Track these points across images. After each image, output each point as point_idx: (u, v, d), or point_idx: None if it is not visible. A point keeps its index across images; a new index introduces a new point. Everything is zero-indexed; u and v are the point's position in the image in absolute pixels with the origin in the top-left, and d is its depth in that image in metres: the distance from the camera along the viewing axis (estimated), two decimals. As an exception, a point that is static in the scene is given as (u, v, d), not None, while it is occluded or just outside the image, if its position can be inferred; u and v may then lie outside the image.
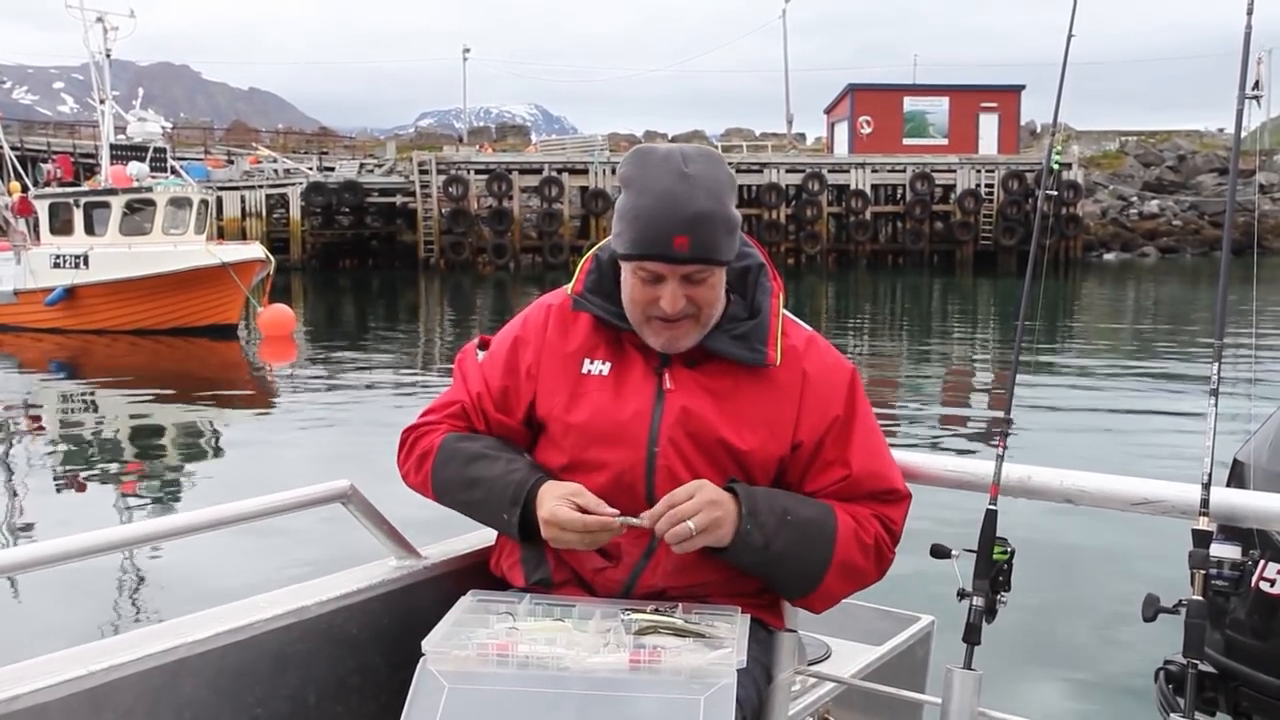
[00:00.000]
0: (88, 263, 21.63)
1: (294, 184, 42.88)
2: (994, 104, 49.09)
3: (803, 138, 62.03)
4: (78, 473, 10.33)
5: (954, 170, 44.90)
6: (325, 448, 11.21)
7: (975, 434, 11.60)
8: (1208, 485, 1.76)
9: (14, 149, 28.56)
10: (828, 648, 2.49)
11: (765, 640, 1.95)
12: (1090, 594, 6.19)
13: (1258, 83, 1.97)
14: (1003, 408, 2.03)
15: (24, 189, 24.08)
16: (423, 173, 42.82)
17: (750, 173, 43.35)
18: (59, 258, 22.00)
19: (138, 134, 25.08)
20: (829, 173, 44.42)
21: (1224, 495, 1.80)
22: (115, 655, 1.62)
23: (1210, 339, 1.80)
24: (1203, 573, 1.73)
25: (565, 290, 1.96)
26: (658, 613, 1.75)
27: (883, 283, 38.00)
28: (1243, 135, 2.06)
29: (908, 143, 47.92)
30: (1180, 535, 1.80)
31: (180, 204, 22.64)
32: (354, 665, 1.94)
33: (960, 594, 1.82)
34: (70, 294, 21.58)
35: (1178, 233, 52.05)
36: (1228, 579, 1.74)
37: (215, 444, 12.00)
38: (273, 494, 1.90)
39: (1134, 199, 54.86)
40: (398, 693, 1.62)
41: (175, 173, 25.28)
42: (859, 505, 1.88)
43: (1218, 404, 1.80)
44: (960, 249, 44.40)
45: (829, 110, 55.35)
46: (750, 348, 1.88)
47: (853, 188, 44.46)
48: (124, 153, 24.37)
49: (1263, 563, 2.35)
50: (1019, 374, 2.16)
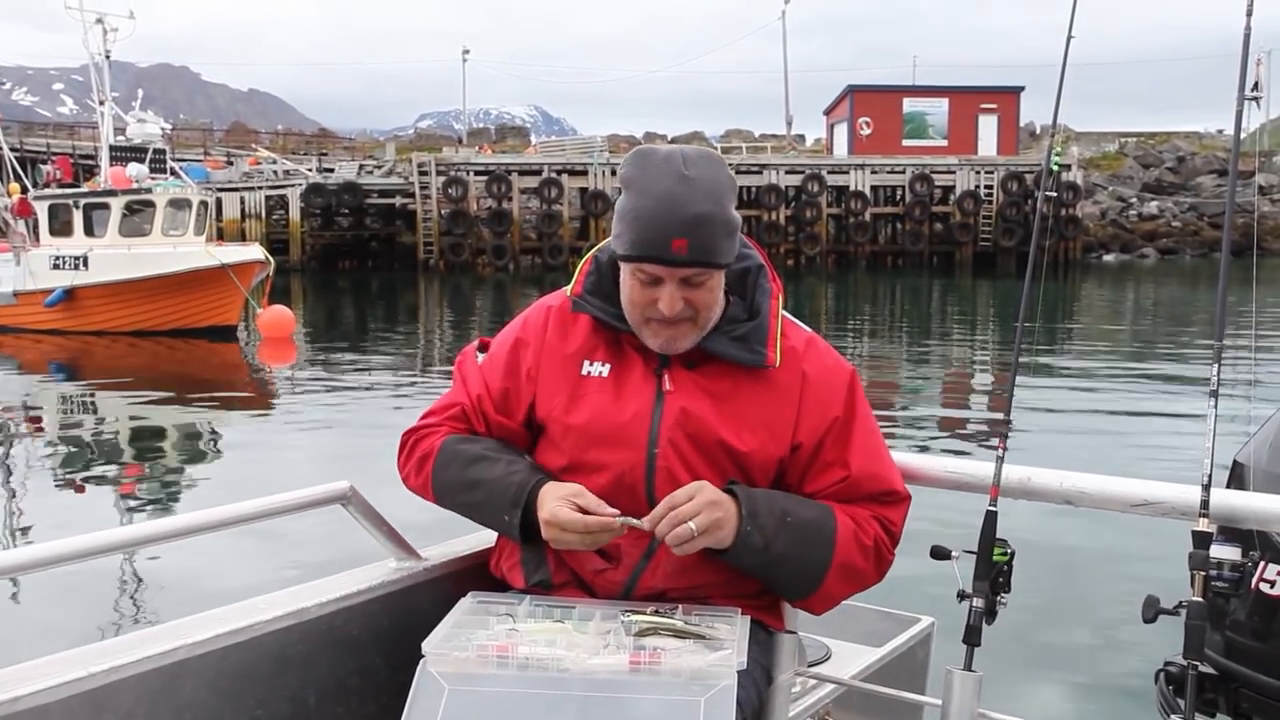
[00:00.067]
0: (87, 264, 21.64)
1: (293, 185, 42.87)
2: (993, 105, 49.12)
3: (802, 139, 62.04)
4: (77, 474, 10.33)
5: (953, 171, 44.92)
6: (325, 449, 11.21)
7: (975, 435, 11.60)
8: (1208, 486, 1.77)
9: (13, 150, 28.56)
10: (828, 649, 2.49)
11: (765, 642, 1.95)
12: (1090, 595, 6.19)
13: (1257, 84, 1.97)
14: (1002, 409, 2.03)
15: (23, 190, 24.09)
16: (422, 174, 42.83)
17: (750, 174, 43.36)
18: (58, 259, 22.00)
19: (137, 135, 25.08)
20: (828, 174, 44.45)
21: (1224, 497, 1.80)
22: (116, 657, 1.62)
23: (1210, 340, 1.80)
24: (1203, 574, 1.74)
25: (565, 292, 1.96)
26: (658, 614, 1.75)
27: (882, 284, 38.01)
28: (1242, 136, 2.06)
29: (907, 144, 47.94)
30: (1180, 537, 1.80)
31: (180, 205, 22.66)
32: (354, 667, 1.94)
33: (960, 595, 1.82)
34: (70, 295, 21.58)
35: (1177, 234, 52.08)
36: (1228, 580, 1.74)
37: (215, 445, 11.99)
38: (273, 495, 1.90)
39: (1133, 200, 54.89)
40: (398, 694, 1.62)
41: (175, 174, 25.27)
42: (858, 507, 1.88)
43: (1217, 405, 1.80)
44: (960, 250, 44.42)
45: (828, 111, 55.37)
46: (749, 349, 1.88)
47: (852, 189, 44.48)
48: (123, 154, 24.37)
49: (1263, 564, 2.35)
50: (1018, 375, 2.16)
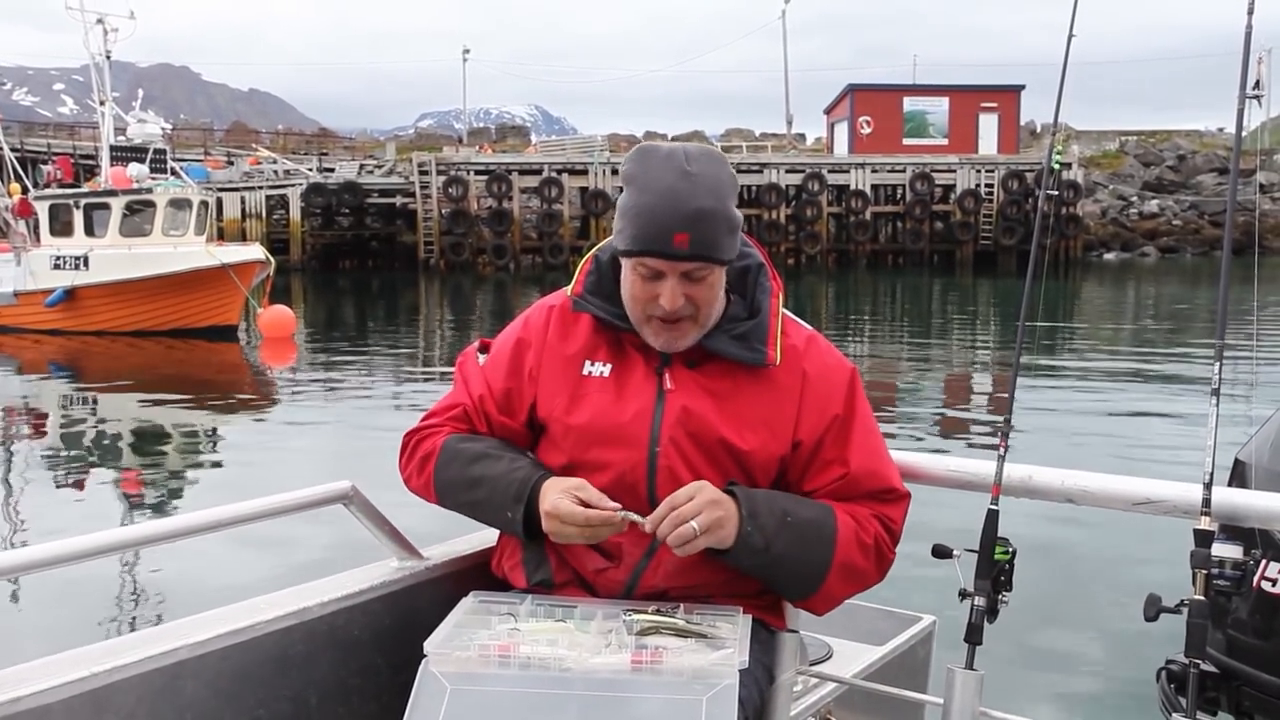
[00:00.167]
0: (88, 264, 21.64)
1: (294, 185, 42.88)
2: (994, 104, 49.10)
3: (803, 138, 62.02)
4: (78, 474, 10.33)
5: (954, 170, 44.91)
6: (326, 449, 11.22)
7: (976, 434, 11.59)
8: (1209, 485, 1.76)
9: (14, 150, 28.57)
10: (829, 648, 2.49)
11: (767, 641, 1.94)
12: (1092, 594, 6.19)
13: (1258, 82, 1.97)
14: (1003, 408, 2.03)
15: (24, 190, 24.09)
16: (422, 173, 42.82)
17: (750, 173, 43.33)
18: (59, 259, 22.01)
19: (138, 135, 25.08)
20: (829, 173, 44.44)
21: (1226, 495, 1.80)
22: (117, 657, 1.62)
23: (1211, 339, 1.80)
24: (1204, 572, 1.74)
25: (565, 292, 1.96)
26: (659, 613, 1.75)
27: (883, 283, 38.00)
28: (1243, 135, 2.06)
29: (908, 143, 47.92)
30: (1182, 535, 1.80)
31: (180, 205, 22.66)
32: (355, 666, 1.94)
33: (962, 594, 1.82)
34: (70, 295, 21.59)
35: (1178, 232, 52.05)
36: (1229, 579, 1.74)
37: (216, 446, 12.00)
38: (274, 495, 1.90)
39: (1134, 199, 54.86)
40: (399, 694, 1.62)
41: (175, 174, 25.27)
42: (858, 505, 1.88)
43: (1219, 404, 1.80)
44: (960, 249, 44.41)
45: (829, 110, 55.35)
46: (750, 347, 1.88)
47: (853, 188, 44.48)
48: (124, 154, 24.38)
49: (1264, 562, 2.35)
50: (1019, 374, 2.15)
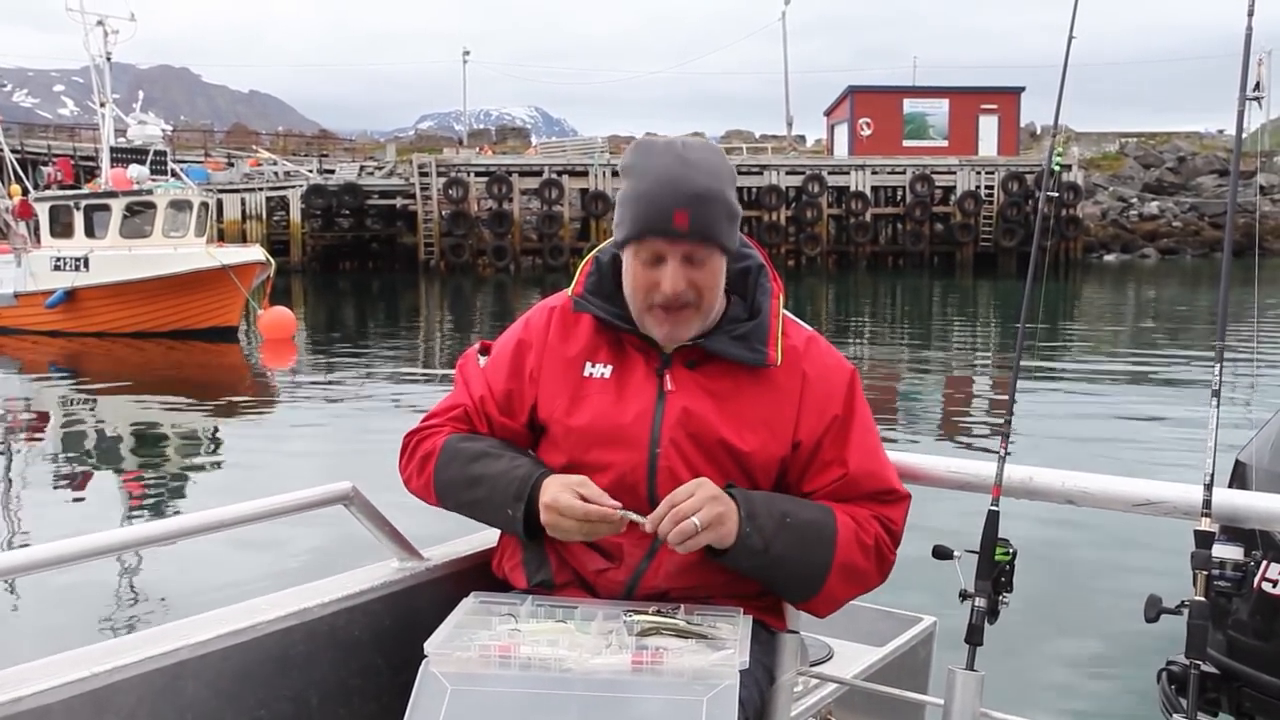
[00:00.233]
0: (88, 265, 21.66)
1: (294, 186, 42.89)
2: (994, 106, 49.13)
3: (803, 140, 62.03)
4: (78, 475, 10.33)
5: (954, 172, 44.93)
6: (326, 450, 11.22)
7: (977, 435, 11.60)
8: (1210, 486, 1.76)
9: (14, 152, 28.58)
10: (830, 649, 2.49)
11: (767, 641, 1.94)
12: (1092, 595, 6.19)
13: (1258, 84, 1.97)
14: (1004, 409, 2.03)
15: (24, 192, 24.10)
16: (423, 175, 42.84)
17: (750, 175, 43.34)
18: (59, 260, 22.02)
19: (138, 137, 25.10)
20: (829, 174, 44.46)
21: (1226, 496, 1.79)
22: (117, 657, 1.62)
23: (1211, 341, 1.81)
24: (1205, 573, 1.73)
25: (566, 293, 1.96)
26: (660, 614, 1.74)
27: (883, 284, 38.01)
28: (1243, 136, 2.06)
29: (908, 144, 47.95)
30: (1182, 536, 1.80)
31: (180, 206, 22.67)
32: (356, 667, 1.94)
33: (962, 595, 1.82)
34: (70, 296, 21.60)
35: (1178, 234, 52.07)
36: (1230, 580, 1.74)
37: (216, 446, 12.00)
38: (275, 496, 1.90)
39: (1134, 200, 54.88)
40: (400, 694, 1.62)
41: (175, 175, 25.27)
42: (858, 506, 1.87)
43: (1219, 405, 1.80)
44: (960, 251, 44.42)
45: (829, 112, 55.37)
46: (750, 348, 1.88)
47: (853, 189, 44.49)
48: (124, 155, 24.41)
49: (1265, 564, 2.35)
50: (1020, 376, 2.15)
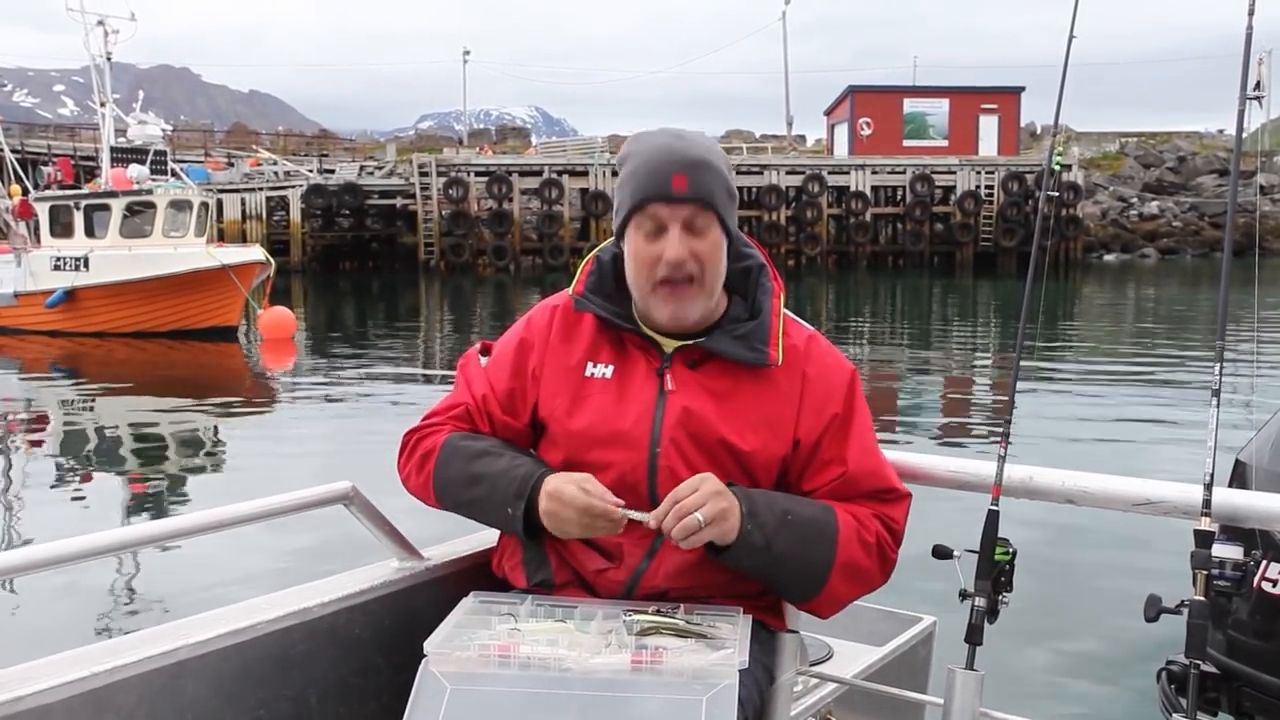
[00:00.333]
0: (88, 265, 21.66)
1: (294, 186, 42.89)
2: (994, 105, 49.11)
3: (803, 139, 62.02)
4: (78, 475, 10.33)
5: (954, 172, 44.92)
6: (326, 449, 11.21)
7: (977, 435, 11.60)
8: (1210, 486, 1.76)
9: (14, 152, 28.59)
10: (829, 648, 2.49)
11: (767, 641, 1.94)
12: (1092, 594, 6.19)
13: (1259, 84, 1.97)
14: (1004, 409, 2.03)
15: (24, 192, 24.11)
16: (423, 175, 42.83)
17: (750, 174, 43.35)
18: (59, 260, 22.02)
19: (138, 137, 25.10)
20: (829, 174, 44.45)
21: (1226, 496, 1.79)
22: (118, 657, 1.62)
23: (1211, 340, 1.80)
24: (1205, 573, 1.73)
25: (568, 292, 1.96)
26: (659, 614, 1.74)
27: (883, 284, 38.01)
28: (1243, 136, 2.06)
29: (908, 144, 47.94)
30: (1182, 536, 1.80)
31: (180, 206, 22.67)
32: (356, 666, 1.94)
33: (962, 594, 1.82)
34: (70, 296, 21.60)
35: (1178, 234, 52.07)
36: (1230, 579, 1.74)
37: (216, 446, 12.00)
38: (275, 496, 1.90)
39: (1134, 200, 54.88)
40: (400, 694, 1.62)
41: (175, 175, 25.28)
42: (859, 505, 1.87)
43: (1219, 405, 1.80)
44: (960, 250, 44.41)
45: (829, 112, 55.36)
46: (751, 347, 1.88)
47: (853, 189, 44.48)
48: (124, 155, 24.40)
49: (1265, 563, 2.36)
50: (1020, 375, 2.15)
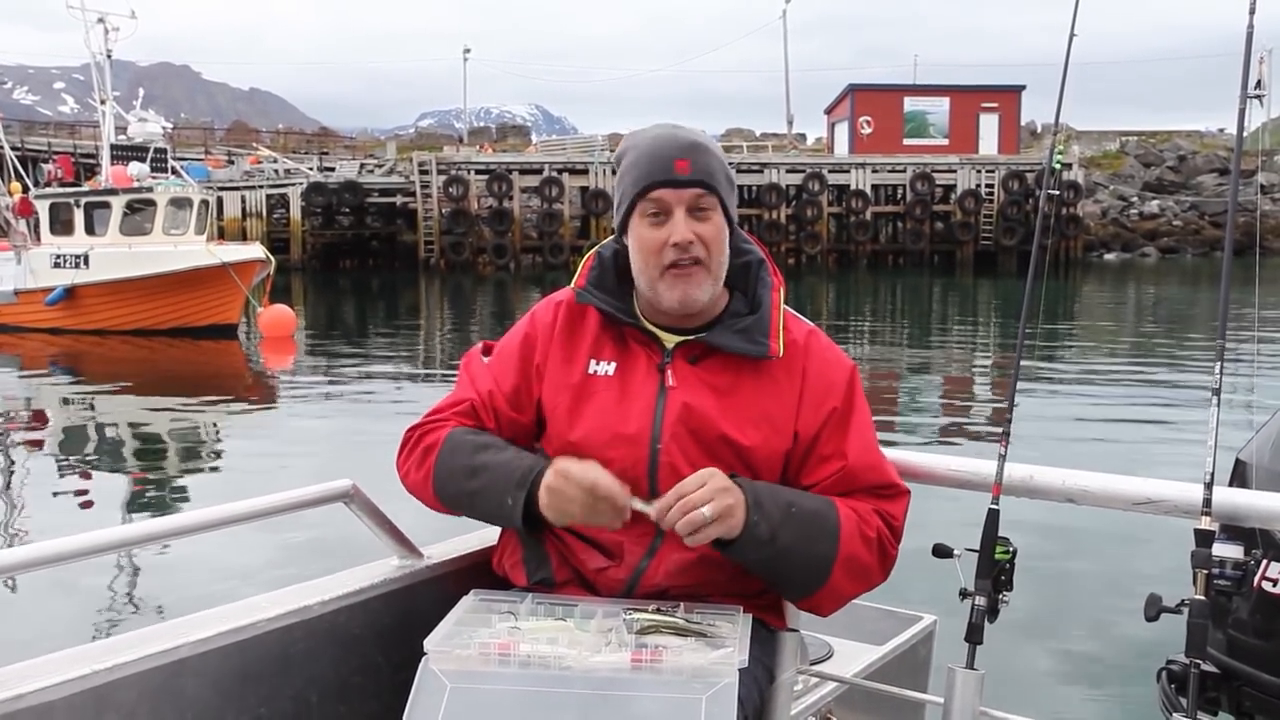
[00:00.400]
0: (88, 262, 21.65)
1: (294, 184, 42.88)
2: (994, 104, 49.07)
3: (803, 138, 62.00)
4: (78, 474, 10.33)
5: (954, 170, 44.89)
6: (326, 447, 11.22)
7: (977, 434, 11.60)
8: (1210, 485, 1.76)
9: (15, 149, 28.59)
10: (830, 647, 2.49)
11: (767, 640, 1.94)
12: (1092, 594, 6.19)
13: (1259, 83, 1.97)
14: (1004, 408, 2.03)
15: (25, 189, 24.11)
16: (423, 173, 42.81)
17: (751, 173, 43.33)
18: (59, 257, 22.01)
19: (138, 134, 25.09)
20: (829, 173, 44.42)
21: (1226, 495, 1.79)
22: (118, 655, 1.62)
23: (1212, 340, 1.81)
24: (1205, 572, 1.73)
25: (571, 287, 1.97)
26: (659, 612, 1.74)
27: (883, 283, 37.99)
28: (1244, 135, 2.06)
29: (908, 143, 47.90)
30: (1183, 535, 1.80)
31: (181, 204, 22.66)
32: (356, 665, 1.94)
33: (962, 594, 1.82)
34: (70, 294, 21.60)
35: (1178, 233, 52.03)
36: (1230, 579, 1.74)
37: (216, 444, 12.00)
38: (275, 494, 1.90)
39: (1134, 199, 54.84)
40: (400, 692, 1.62)
41: (176, 173, 25.30)
42: (859, 500, 1.87)
43: (1220, 404, 1.80)
44: (961, 249, 44.39)
45: (829, 110, 55.33)
46: (752, 340, 1.88)
47: (853, 188, 44.45)
48: (124, 153, 24.39)
49: (1265, 562, 2.35)
50: (1020, 374, 2.16)
